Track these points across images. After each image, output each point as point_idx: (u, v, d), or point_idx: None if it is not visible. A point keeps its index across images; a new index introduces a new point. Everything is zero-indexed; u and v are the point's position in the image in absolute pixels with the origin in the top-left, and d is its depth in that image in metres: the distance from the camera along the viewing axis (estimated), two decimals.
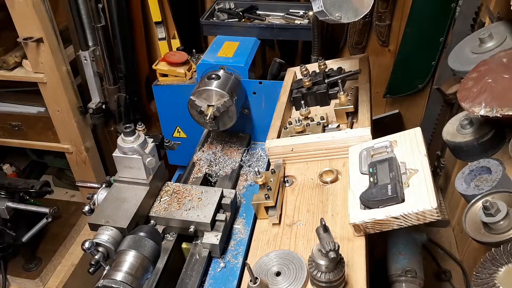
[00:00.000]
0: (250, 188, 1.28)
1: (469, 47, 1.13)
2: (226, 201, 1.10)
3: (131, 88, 1.94)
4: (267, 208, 1.00)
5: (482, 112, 0.84)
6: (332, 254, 0.73)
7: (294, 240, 0.95)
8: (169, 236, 1.07)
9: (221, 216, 1.07)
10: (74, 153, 2.06)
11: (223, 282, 1.01)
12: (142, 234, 0.88)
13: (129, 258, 0.84)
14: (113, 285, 0.79)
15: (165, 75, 1.56)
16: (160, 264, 0.99)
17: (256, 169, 1.03)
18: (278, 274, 0.86)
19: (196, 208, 1.06)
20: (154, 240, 0.88)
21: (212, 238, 1.04)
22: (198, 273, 0.99)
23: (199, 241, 1.05)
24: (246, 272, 0.87)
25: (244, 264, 0.98)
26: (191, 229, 1.03)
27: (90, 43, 1.87)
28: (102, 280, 0.80)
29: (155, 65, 1.56)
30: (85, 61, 1.87)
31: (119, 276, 0.80)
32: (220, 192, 1.10)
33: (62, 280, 1.70)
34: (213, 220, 1.05)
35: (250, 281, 0.78)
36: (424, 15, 1.79)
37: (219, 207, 1.09)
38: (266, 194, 0.99)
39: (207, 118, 1.24)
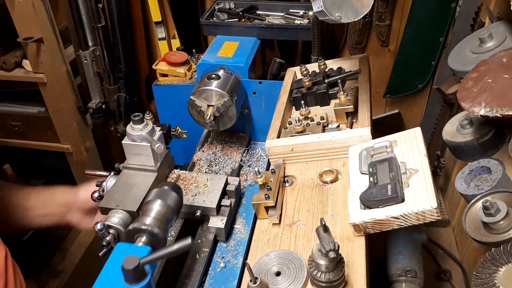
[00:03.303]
0: (250, 188, 1.28)
1: (469, 47, 1.13)
2: (231, 187, 1.14)
3: (131, 88, 1.94)
4: (267, 208, 1.00)
5: (482, 112, 0.84)
6: (332, 254, 0.73)
7: (294, 240, 0.95)
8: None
9: (226, 202, 1.11)
10: (74, 153, 2.06)
11: (223, 282, 1.00)
12: (166, 187, 0.93)
13: (156, 206, 0.90)
14: (142, 227, 0.85)
15: (165, 75, 1.56)
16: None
17: (256, 169, 1.03)
18: (278, 274, 0.86)
19: (202, 194, 1.11)
20: (177, 193, 0.94)
21: (217, 222, 1.08)
22: (198, 273, 0.99)
23: (205, 225, 1.10)
24: (246, 272, 0.87)
25: (244, 264, 0.98)
26: (198, 214, 1.08)
27: (90, 43, 1.87)
28: (132, 224, 0.87)
29: (155, 65, 1.56)
30: (85, 61, 1.87)
31: (148, 220, 0.87)
32: (225, 179, 1.14)
33: (62, 280, 1.70)
34: (219, 205, 1.10)
35: (250, 281, 0.78)
36: (424, 15, 1.79)
37: (224, 193, 1.13)
38: (266, 194, 0.99)
39: (207, 118, 1.24)
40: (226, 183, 1.15)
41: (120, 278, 0.74)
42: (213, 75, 1.29)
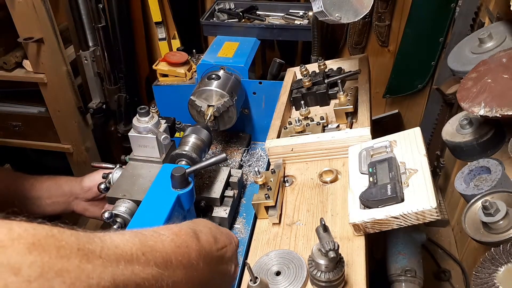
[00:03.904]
0: (250, 188, 1.28)
1: (469, 47, 1.13)
2: (234, 179, 1.18)
3: (132, 88, 1.94)
4: (267, 208, 1.00)
5: (482, 112, 0.84)
6: (331, 254, 0.73)
7: (294, 240, 0.95)
8: None
9: (229, 193, 1.14)
10: (75, 153, 2.06)
11: None
12: (199, 126, 1.14)
13: (192, 139, 1.10)
14: (183, 152, 1.05)
15: (165, 75, 1.56)
16: None
17: (256, 169, 1.03)
18: (278, 273, 0.86)
19: (206, 185, 1.14)
20: (208, 131, 1.15)
21: (221, 212, 1.12)
22: None
23: (209, 215, 1.13)
24: (246, 271, 0.87)
25: (244, 264, 0.98)
26: (202, 204, 1.11)
27: (90, 43, 1.86)
28: (174, 151, 1.06)
29: (155, 65, 1.56)
30: (86, 61, 1.87)
31: (187, 147, 1.07)
32: (228, 171, 1.19)
33: None
34: (222, 196, 1.13)
35: (250, 280, 0.78)
36: (424, 15, 1.80)
37: (227, 184, 1.17)
38: (266, 194, 0.99)
39: (207, 118, 1.24)
40: (229, 175, 1.18)
41: (169, 186, 0.91)
42: (213, 75, 1.30)
